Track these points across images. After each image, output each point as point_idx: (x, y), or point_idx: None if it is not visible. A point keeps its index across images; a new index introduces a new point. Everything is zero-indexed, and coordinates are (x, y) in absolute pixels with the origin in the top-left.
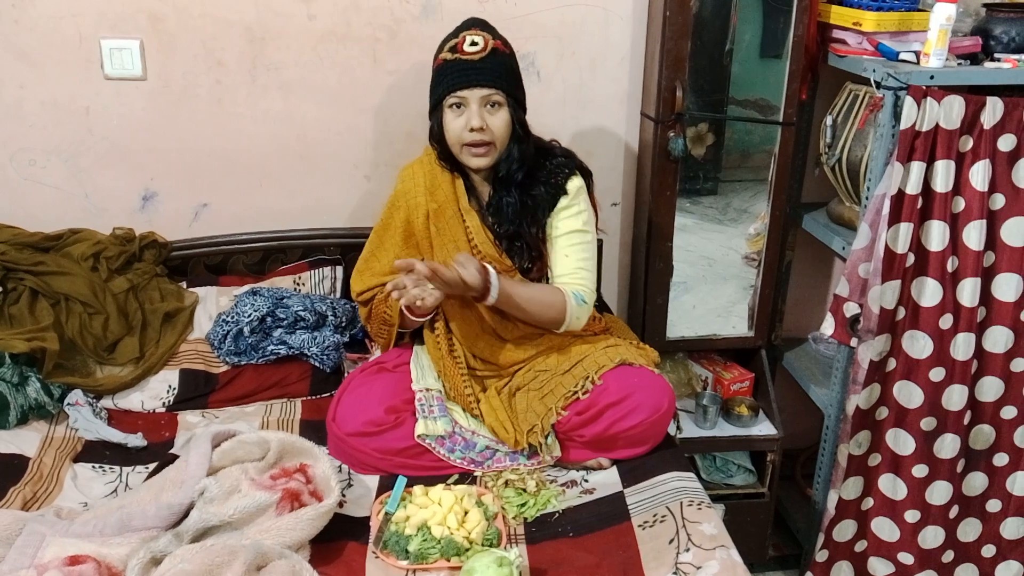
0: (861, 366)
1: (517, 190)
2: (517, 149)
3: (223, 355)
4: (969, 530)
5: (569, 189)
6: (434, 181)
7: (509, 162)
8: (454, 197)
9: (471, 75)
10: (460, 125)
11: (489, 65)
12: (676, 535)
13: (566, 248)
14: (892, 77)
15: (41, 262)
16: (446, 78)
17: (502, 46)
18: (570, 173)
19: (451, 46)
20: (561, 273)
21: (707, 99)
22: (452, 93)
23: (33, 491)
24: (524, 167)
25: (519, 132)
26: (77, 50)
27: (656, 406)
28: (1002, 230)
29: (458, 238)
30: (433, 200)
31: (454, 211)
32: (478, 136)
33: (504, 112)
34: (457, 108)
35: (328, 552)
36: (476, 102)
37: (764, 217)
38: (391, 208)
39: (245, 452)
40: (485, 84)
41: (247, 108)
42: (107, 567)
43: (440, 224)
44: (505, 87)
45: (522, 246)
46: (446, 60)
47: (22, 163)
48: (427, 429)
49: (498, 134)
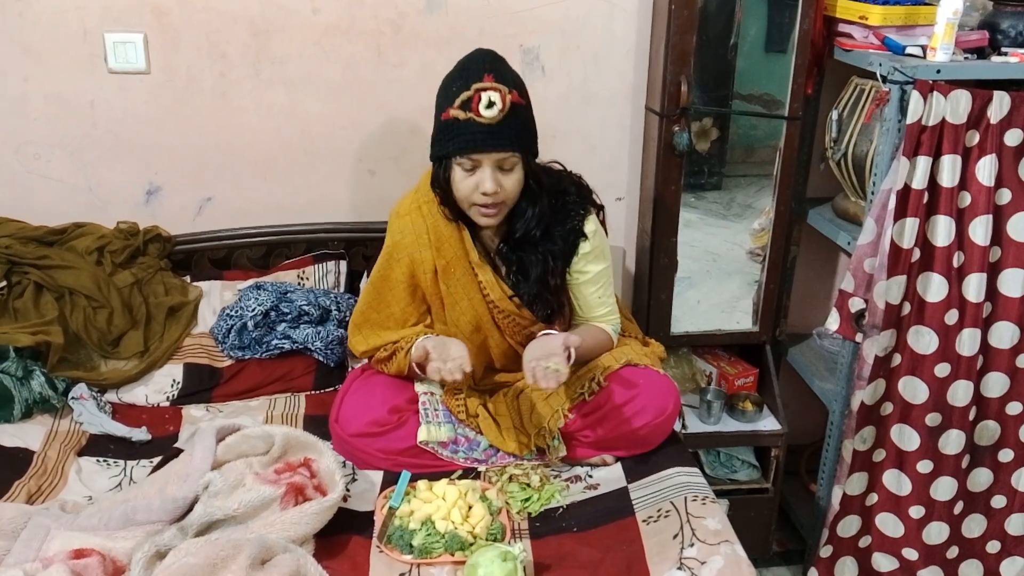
0: (866, 361)
1: (539, 245)
2: (533, 209)
3: (227, 349)
4: (974, 526)
5: (588, 232)
6: (439, 234)
7: (526, 222)
8: (463, 251)
9: (487, 139)
10: (471, 186)
11: (507, 128)
12: (680, 530)
13: (596, 291)
14: (898, 71)
15: (45, 256)
16: (458, 138)
17: (519, 97)
18: (585, 214)
19: (463, 101)
20: (596, 315)
21: (712, 94)
22: (465, 155)
23: (38, 485)
24: (542, 224)
25: (533, 188)
26: (81, 44)
27: (661, 408)
28: (1008, 225)
29: (472, 295)
30: (441, 256)
31: (465, 267)
32: (490, 199)
33: (518, 171)
34: (468, 168)
35: (332, 546)
36: (490, 165)
37: (769, 212)
38: (389, 260)
39: (249, 446)
40: (502, 148)
41: (251, 102)
42: (112, 560)
43: (451, 282)
44: (522, 148)
45: (543, 296)
46: (457, 119)
47: (26, 156)
48: (430, 435)
49: (510, 193)
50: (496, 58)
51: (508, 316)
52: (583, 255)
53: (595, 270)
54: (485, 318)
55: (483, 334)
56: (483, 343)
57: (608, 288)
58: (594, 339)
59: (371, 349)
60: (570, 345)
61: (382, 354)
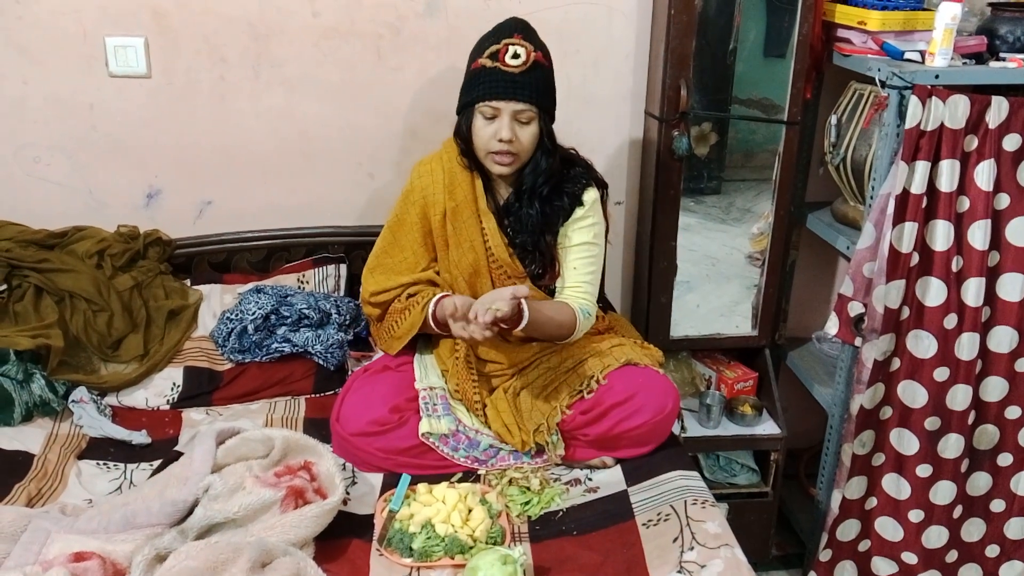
0: (865, 365)
1: (539, 201)
2: (544, 161)
3: (227, 353)
4: (973, 530)
5: (585, 200)
6: (453, 179)
7: (536, 174)
8: (473, 197)
9: (508, 88)
10: (489, 134)
11: (528, 80)
12: (680, 534)
13: (575, 260)
14: (897, 76)
15: (46, 259)
16: (482, 85)
17: (542, 58)
18: (587, 184)
19: (492, 52)
20: (567, 285)
21: (711, 98)
22: (486, 102)
23: (38, 488)
24: (550, 180)
25: (547, 144)
26: (81, 47)
27: (660, 406)
28: (1007, 230)
29: (474, 239)
30: (452, 198)
31: (472, 211)
32: (505, 147)
33: (534, 126)
34: (489, 117)
35: (332, 549)
36: (508, 115)
37: (768, 216)
38: (405, 203)
39: (249, 449)
40: (521, 99)
41: (250, 105)
42: (112, 563)
43: (457, 224)
44: (540, 103)
45: (537, 254)
46: (484, 67)
47: (26, 159)
48: (431, 428)
49: (525, 146)
50: (527, 25)
51: (501, 268)
52: (575, 219)
53: (581, 239)
54: (483, 265)
55: (479, 283)
56: (478, 292)
57: (590, 266)
58: (554, 310)
59: (381, 290)
60: (518, 295)
61: (397, 305)
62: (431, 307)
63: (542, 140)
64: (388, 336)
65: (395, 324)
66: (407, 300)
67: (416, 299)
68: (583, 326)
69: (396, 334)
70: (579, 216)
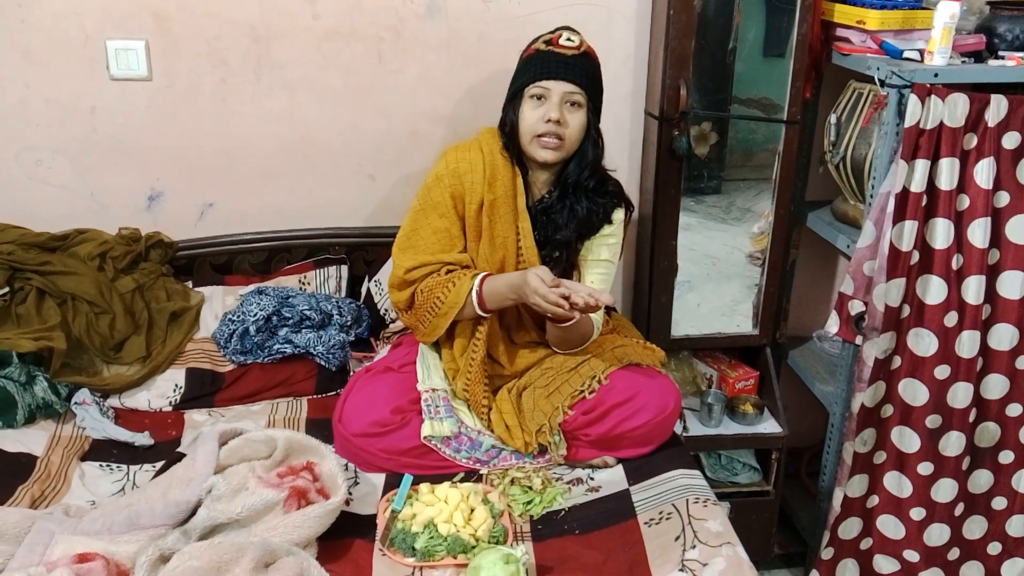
0: (866, 364)
1: (585, 199)
2: (591, 152)
3: (229, 354)
4: (975, 528)
5: (614, 219)
6: (495, 171)
7: (582, 166)
8: (512, 193)
9: (561, 68)
10: (537, 116)
11: (580, 64)
12: (682, 532)
13: (591, 275)
14: (896, 75)
15: (48, 262)
16: (534, 67)
17: (593, 52)
18: (618, 203)
19: (546, 39)
20: None
21: (711, 98)
22: (537, 82)
23: (41, 489)
24: (596, 176)
25: (593, 136)
26: (82, 50)
27: (662, 406)
28: (1007, 228)
29: (508, 236)
30: (491, 191)
31: (510, 208)
32: (553, 128)
33: (582, 114)
34: (538, 99)
35: (335, 549)
36: (558, 96)
37: (768, 216)
38: (438, 185)
39: (252, 450)
40: (572, 80)
41: (252, 107)
42: (115, 564)
43: (494, 217)
44: (589, 89)
45: (560, 257)
46: (539, 50)
47: (27, 162)
48: (433, 430)
49: (572, 133)
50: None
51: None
52: (602, 236)
53: (603, 255)
54: (511, 263)
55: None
56: None
57: (605, 282)
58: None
59: (418, 265)
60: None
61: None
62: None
63: (589, 132)
64: (431, 314)
65: (439, 299)
66: (446, 275)
67: (459, 272)
68: (594, 338)
69: (441, 309)
70: (606, 233)
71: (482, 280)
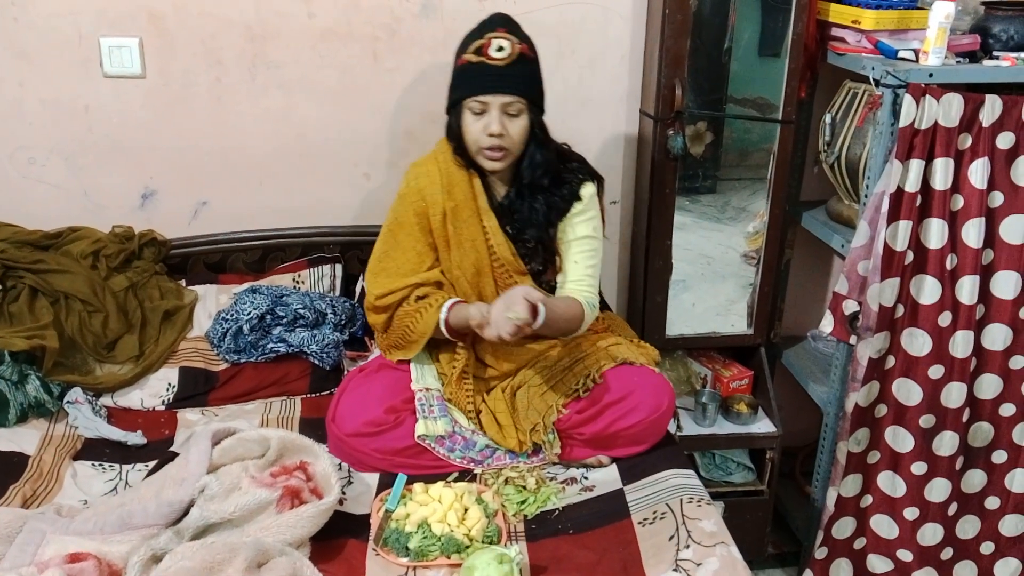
0: (860, 364)
1: (543, 194)
2: (540, 154)
3: (223, 353)
4: (968, 527)
5: (583, 195)
6: (451, 179)
7: (532, 167)
8: (472, 196)
9: (495, 82)
10: (479, 129)
11: (515, 73)
12: (676, 532)
13: (575, 255)
14: (891, 75)
15: (41, 260)
16: (469, 81)
17: (527, 50)
18: (584, 179)
19: (476, 47)
20: (570, 279)
21: (706, 97)
22: (474, 97)
23: (33, 489)
24: (549, 173)
25: (539, 136)
26: (76, 48)
27: (656, 405)
28: (1001, 228)
29: (476, 238)
30: (451, 198)
31: (472, 210)
32: (496, 141)
33: (523, 119)
34: (478, 112)
35: (329, 549)
36: (497, 108)
37: (763, 215)
38: (402, 204)
39: (245, 450)
40: (509, 92)
41: (247, 107)
42: (108, 564)
43: (457, 223)
44: (528, 95)
45: (538, 249)
46: (470, 62)
47: (21, 161)
48: (427, 430)
49: (515, 140)
50: (510, 19)
51: (503, 266)
52: (573, 214)
53: (581, 232)
54: (485, 264)
55: (482, 283)
56: (481, 291)
57: (590, 258)
58: (564, 305)
59: (388, 291)
60: (530, 297)
61: (407, 307)
62: (444, 311)
63: (534, 132)
64: (403, 341)
65: (409, 327)
66: (417, 303)
67: (427, 301)
68: (589, 318)
69: (412, 337)
70: (578, 211)
71: (450, 307)
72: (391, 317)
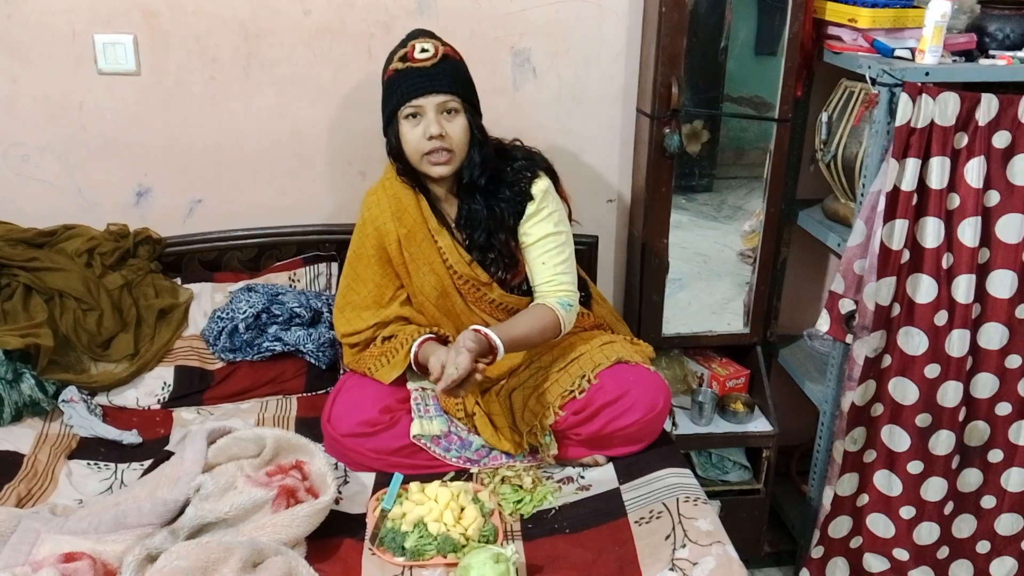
0: (856, 362)
1: (483, 197)
2: (478, 154)
3: (218, 352)
4: (964, 526)
5: (535, 193)
6: (399, 205)
7: (471, 168)
8: (422, 219)
9: (425, 82)
10: (418, 135)
11: (442, 71)
12: (672, 531)
13: (542, 256)
14: (887, 74)
15: (35, 258)
16: (400, 88)
17: (452, 52)
18: (532, 176)
19: (401, 55)
20: (541, 282)
21: (702, 96)
22: (408, 103)
23: (28, 488)
24: (487, 171)
25: (478, 137)
26: (70, 45)
27: (652, 404)
28: (997, 227)
29: (432, 260)
30: (402, 225)
31: (424, 233)
32: (438, 143)
33: (461, 118)
34: (414, 118)
35: (324, 549)
36: (433, 110)
37: (759, 214)
38: (360, 236)
39: (241, 449)
40: (441, 91)
41: (241, 104)
42: (102, 564)
43: (412, 249)
44: (461, 92)
45: (495, 256)
46: (397, 70)
47: (15, 159)
48: (423, 429)
49: (457, 141)
50: (430, 31)
51: (467, 281)
52: (528, 215)
53: (540, 233)
54: (447, 283)
55: (449, 302)
56: (450, 310)
57: (557, 255)
58: (531, 319)
59: (352, 331)
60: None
61: (374, 350)
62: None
63: (473, 134)
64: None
65: (376, 368)
66: (384, 344)
67: (394, 343)
68: (568, 319)
69: (382, 375)
70: (532, 211)
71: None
72: (361, 355)
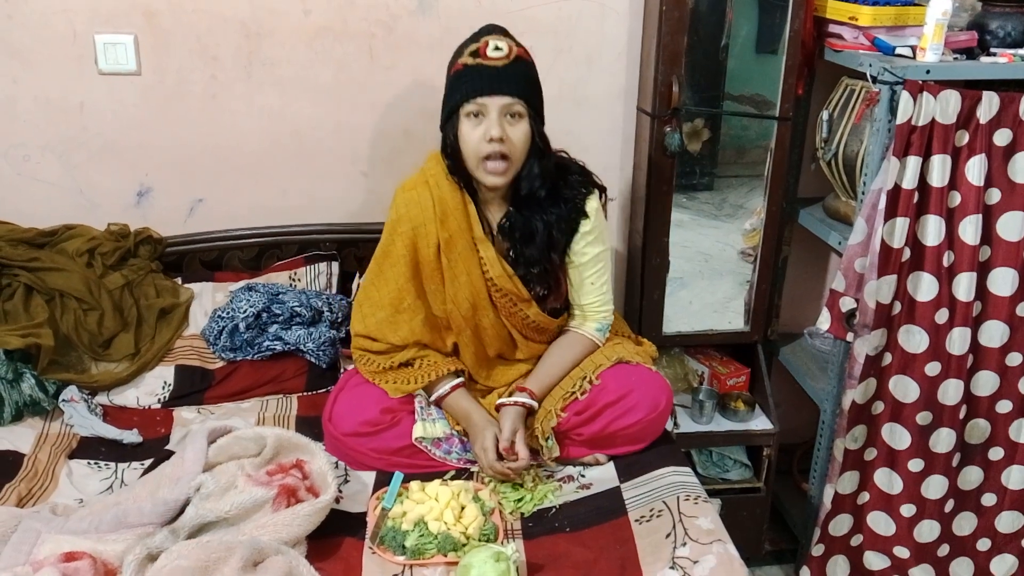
0: (857, 361)
1: (541, 211)
2: (538, 165)
3: (219, 351)
4: (964, 524)
5: (589, 211)
6: (444, 207)
7: (531, 179)
8: (467, 225)
9: (493, 82)
10: (479, 136)
11: (513, 72)
12: (673, 529)
13: (591, 276)
14: (888, 72)
15: (36, 258)
16: (466, 84)
17: (525, 54)
18: (587, 192)
19: (472, 51)
20: (586, 302)
21: (703, 94)
22: (472, 100)
23: (28, 488)
24: (547, 184)
25: (539, 146)
26: (71, 46)
27: (654, 404)
28: (998, 224)
29: (471, 271)
30: (444, 229)
31: (467, 241)
32: (497, 147)
33: (524, 124)
34: (475, 117)
35: (325, 548)
36: (496, 111)
37: (760, 212)
38: (391, 234)
39: (241, 448)
40: (508, 92)
41: (242, 104)
42: (103, 563)
43: (452, 256)
44: (527, 97)
45: (539, 272)
46: (466, 65)
47: (16, 159)
48: (425, 432)
49: (517, 147)
50: (504, 28)
51: (505, 295)
52: (583, 234)
53: (593, 252)
54: (482, 296)
55: (479, 315)
56: (478, 325)
57: (603, 275)
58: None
59: (365, 335)
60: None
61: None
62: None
63: (534, 142)
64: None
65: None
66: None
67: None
68: (602, 341)
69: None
70: (587, 230)
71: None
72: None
